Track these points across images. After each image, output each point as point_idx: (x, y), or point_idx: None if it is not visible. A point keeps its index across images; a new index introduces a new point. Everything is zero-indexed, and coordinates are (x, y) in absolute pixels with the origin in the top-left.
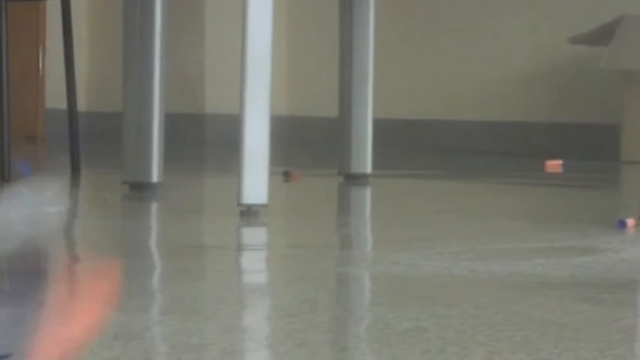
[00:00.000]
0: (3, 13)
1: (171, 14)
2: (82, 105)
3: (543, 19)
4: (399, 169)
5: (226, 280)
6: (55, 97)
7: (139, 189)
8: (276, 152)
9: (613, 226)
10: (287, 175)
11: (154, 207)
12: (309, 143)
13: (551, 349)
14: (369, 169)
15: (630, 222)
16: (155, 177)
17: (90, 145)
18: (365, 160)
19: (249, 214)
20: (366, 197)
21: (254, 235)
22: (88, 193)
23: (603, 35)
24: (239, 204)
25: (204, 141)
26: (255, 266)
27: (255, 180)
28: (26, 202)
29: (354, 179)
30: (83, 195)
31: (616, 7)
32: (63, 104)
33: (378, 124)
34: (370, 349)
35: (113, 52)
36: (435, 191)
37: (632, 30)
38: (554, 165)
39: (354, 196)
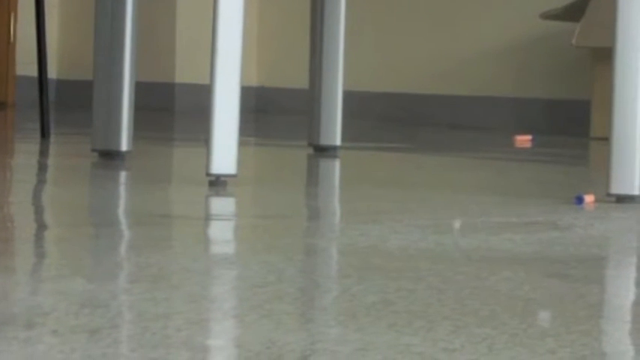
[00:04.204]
0: None
1: None
2: (52, 72)
3: None
4: (368, 142)
5: (193, 250)
6: (25, 65)
7: (108, 157)
8: (246, 123)
9: (570, 202)
10: None
11: (123, 175)
12: (279, 114)
13: (517, 323)
14: (338, 141)
15: (589, 198)
16: (124, 145)
17: (60, 112)
18: (334, 132)
19: (217, 184)
20: (334, 169)
21: (222, 205)
22: (57, 160)
23: (575, 11)
24: (208, 174)
25: (173, 110)
26: (222, 236)
27: (225, 150)
28: None
29: (324, 151)
30: (51, 162)
31: None
32: (33, 71)
33: (348, 96)
34: (336, 321)
35: (85, 20)
36: (403, 164)
37: (603, 7)
38: (523, 140)
39: (322, 168)
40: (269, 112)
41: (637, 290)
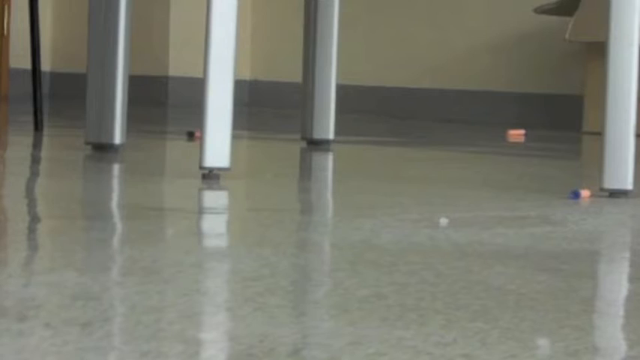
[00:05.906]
0: None
1: None
2: (46, 65)
3: None
4: (362, 136)
5: (186, 243)
6: (19, 57)
7: (102, 150)
8: (239, 116)
9: (566, 197)
10: (191, 136)
11: (116, 168)
12: (272, 108)
13: (510, 318)
14: (331, 135)
15: (585, 193)
16: (118, 138)
17: (53, 105)
18: (327, 125)
19: (210, 177)
20: (327, 163)
21: (215, 199)
22: (50, 153)
23: (568, 6)
24: (201, 167)
25: (167, 103)
26: (215, 230)
27: (218, 143)
28: None
29: (317, 145)
30: (45, 155)
31: None
32: (27, 64)
33: (341, 90)
34: (329, 315)
35: (78, 13)
36: (397, 158)
37: (596, 1)
38: (516, 135)
39: (315, 162)
40: (262, 106)
41: (629, 285)
